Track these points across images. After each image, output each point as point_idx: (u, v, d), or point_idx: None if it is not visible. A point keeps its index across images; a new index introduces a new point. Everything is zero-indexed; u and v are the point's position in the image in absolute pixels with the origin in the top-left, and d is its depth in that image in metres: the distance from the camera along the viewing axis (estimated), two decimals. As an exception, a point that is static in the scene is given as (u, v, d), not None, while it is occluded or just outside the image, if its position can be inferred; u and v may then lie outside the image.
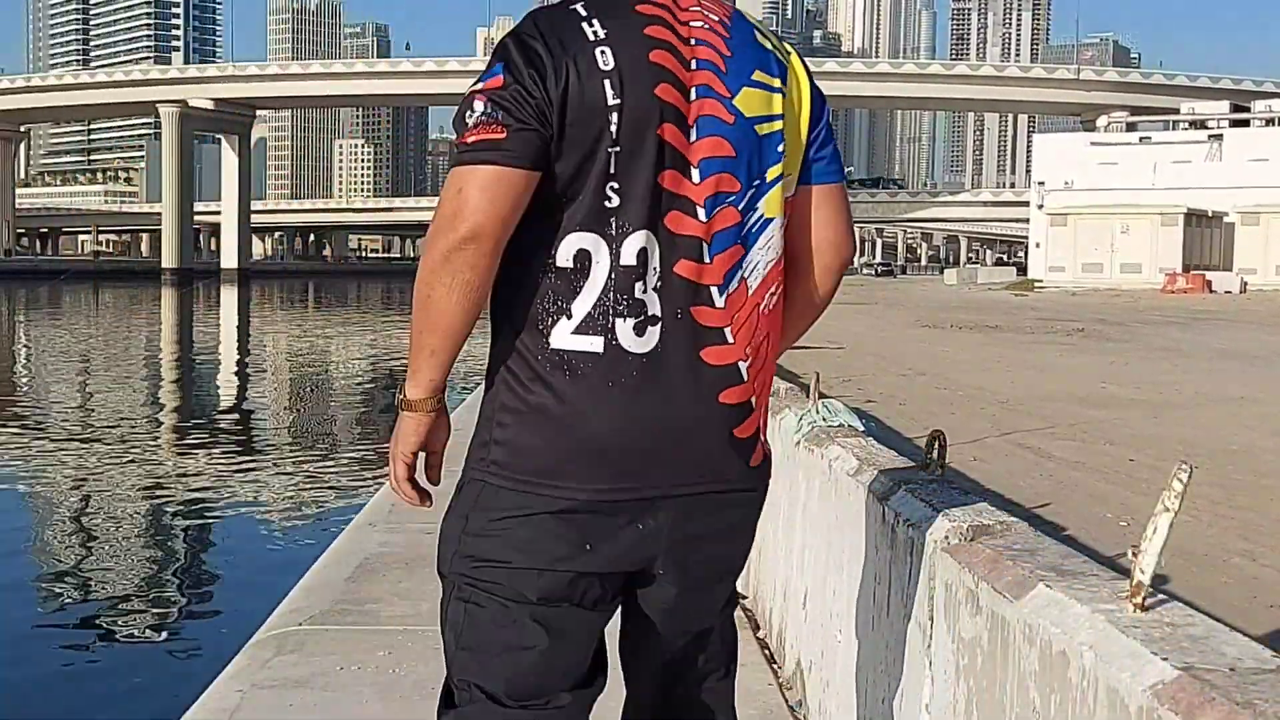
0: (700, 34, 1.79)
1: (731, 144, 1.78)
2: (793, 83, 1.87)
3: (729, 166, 1.78)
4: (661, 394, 1.75)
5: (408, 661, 3.67)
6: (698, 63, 1.77)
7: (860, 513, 2.78)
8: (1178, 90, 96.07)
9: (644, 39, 1.74)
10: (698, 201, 1.76)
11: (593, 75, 1.70)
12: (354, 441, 17.10)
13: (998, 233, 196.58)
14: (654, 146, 1.73)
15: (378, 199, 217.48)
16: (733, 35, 1.82)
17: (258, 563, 9.63)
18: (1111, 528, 5.56)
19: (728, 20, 1.83)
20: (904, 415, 9.50)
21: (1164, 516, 1.60)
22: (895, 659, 2.44)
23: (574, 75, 1.69)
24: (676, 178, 1.74)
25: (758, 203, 1.81)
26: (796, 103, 1.86)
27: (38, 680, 6.94)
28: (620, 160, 1.72)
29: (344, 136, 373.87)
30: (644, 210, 1.73)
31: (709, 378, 1.78)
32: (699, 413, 1.77)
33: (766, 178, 1.81)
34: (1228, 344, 20.77)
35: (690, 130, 1.75)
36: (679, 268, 1.75)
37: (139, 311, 56.23)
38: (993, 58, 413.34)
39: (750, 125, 1.79)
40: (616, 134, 1.71)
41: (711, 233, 1.77)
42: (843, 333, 22.65)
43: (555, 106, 1.69)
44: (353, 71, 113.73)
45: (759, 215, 1.82)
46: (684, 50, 1.76)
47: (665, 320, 1.75)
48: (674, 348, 1.75)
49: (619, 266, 1.73)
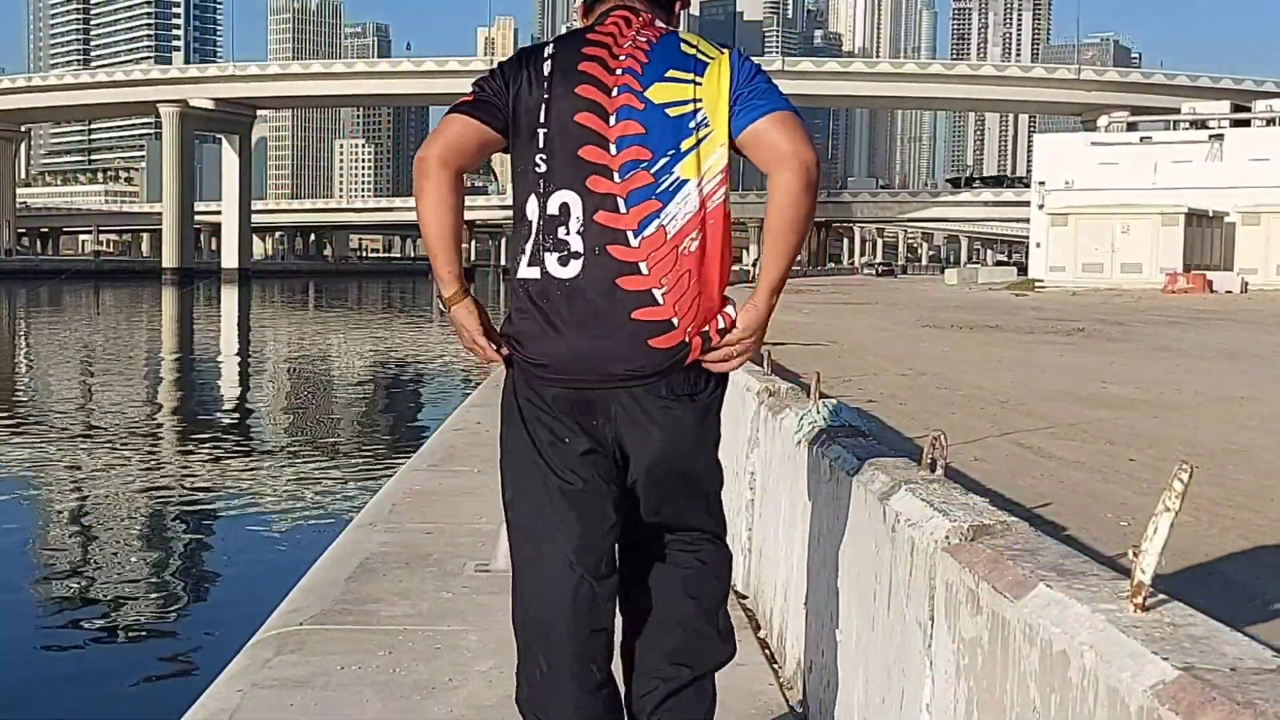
0: (627, 50, 2.43)
1: (641, 124, 2.37)
2: (711, 72, 2.41)
3: (640, 140, 2.37)
4: (582, 309, 2.37)
5: (408, 661, 3.67)
6: (621, 70, 2.41)
7: (861, 512, 2.78)
8: (1178, 90, 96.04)
9: (579, 55, 2.43)
10: (614, 168, 2.37)
11: (535, 80, 2.42)
12: (354, 441, 17.10)
13: (998, 233, 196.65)
14: (575, 129, 2.38)
15: (378, 199, 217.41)
16: (654, 47, 2.44)
17: (258, 562, 9.64)
18: (1112, 527, 5.56)
19: (655, 39, 2.46)
20: (904, 415, 9.50)
21: (1165, 516, 1.60)
22: (896, 659, 2.44)
23: (525, 79, 2.43)
24: (596, 151, 2.37)
25: (674, 167, 2.38)
26: (715, 85, 2.39)
27: (38, 680, 6.94)
28: (547, 139, 2.39)
29: (344, 136, 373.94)
30: (566, 173, 2.38)
31: (622, 299, 2.36)
32: (618, 324, 2.36)
33: (681, 148, 2.38)
34: (1228, 344, 20.77)
35: (610, 116, 2.38)
36: (599, 216, 2.36)
37: (139, 311, 56.24)
38: (993, 57, 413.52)
39: (661, 109, 2.38)
40: (545, 119, 2.39)
41: (627, 190, 2.36)
42: (843, 332, 22.66)
43: (510, 96, 2.43)
44: (353, 71, 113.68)
45: (675, 177, 2.38)
46: (611, 63, 2.41)
47: (585, 255, 2.37)
48: (593, 276, 2.36)
49: (545, 215, 2.39)
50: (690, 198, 2.37)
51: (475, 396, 11.47)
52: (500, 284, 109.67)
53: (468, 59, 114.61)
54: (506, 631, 4.01)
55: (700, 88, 2.39)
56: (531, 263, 2.41)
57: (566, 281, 2.36)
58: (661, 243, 2.36)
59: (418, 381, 26.38)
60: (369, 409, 21.53)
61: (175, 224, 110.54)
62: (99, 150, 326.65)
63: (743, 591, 4.52)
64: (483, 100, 2.43)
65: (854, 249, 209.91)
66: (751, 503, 4.55)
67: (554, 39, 2.51)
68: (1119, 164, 62.81)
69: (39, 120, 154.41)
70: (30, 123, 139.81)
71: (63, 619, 8.13)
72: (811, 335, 21.14)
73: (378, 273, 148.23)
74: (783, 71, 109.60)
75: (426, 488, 6.46)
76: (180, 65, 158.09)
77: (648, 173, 2.36)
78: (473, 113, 2.42)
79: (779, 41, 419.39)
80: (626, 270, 2.35)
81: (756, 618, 4.21)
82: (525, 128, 2.41)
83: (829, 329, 23.76)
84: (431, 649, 3.78)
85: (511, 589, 2.52)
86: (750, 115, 2.37)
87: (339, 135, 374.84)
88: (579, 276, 2.36)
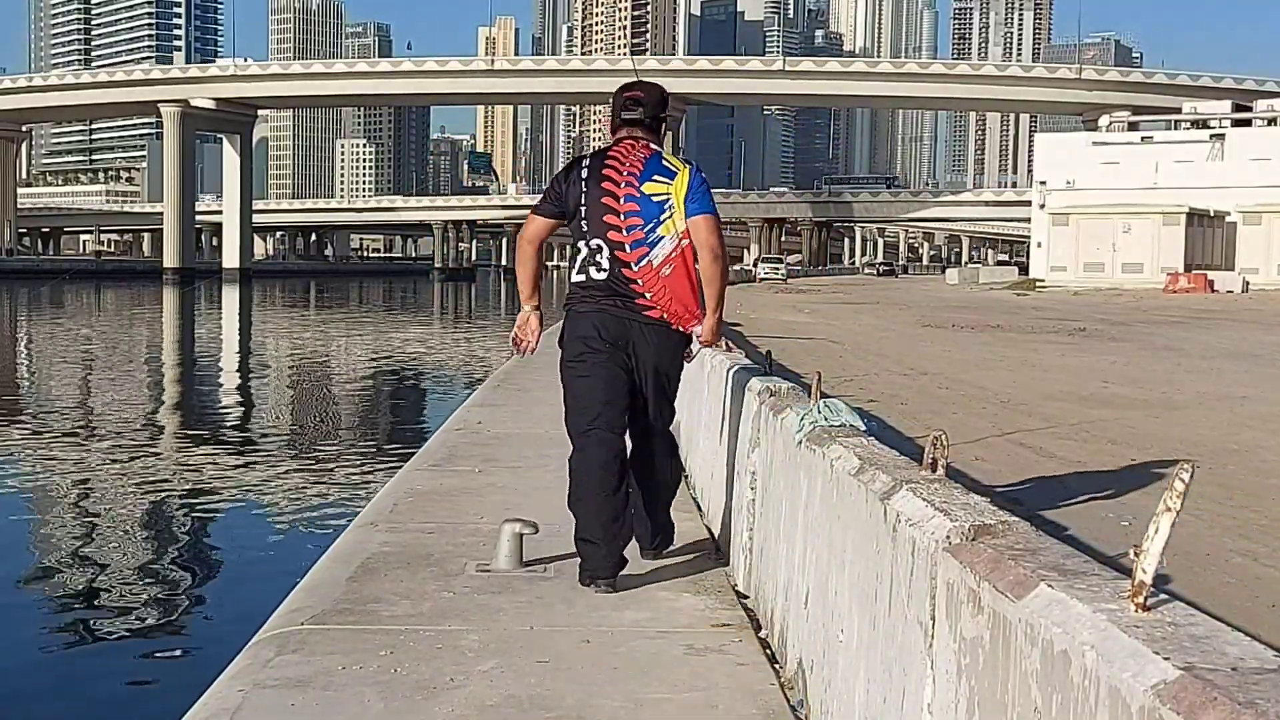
0: (632, 163, 4.47)
1: (637, 205, 4.43)
2: (678, 179, 4.47)
3: (637, 214, 4.43)
4: (608, 303, 4.46)
5: (409, 661, 3.67)
6: (627, 172, 4.45)
7: (862, 512, 2.78)
8: (1180, 90, 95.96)
9: (604, 164, 4.50)
10: (622, 228, 4.43)
11: (575, 182, 4.52)
12: (355, 441, 17.10)
13: (1000, 232, 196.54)
14: (600, 207, 4.45)
15: (379, 199, 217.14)
16: (646, 163, 4.48)
17: (259, 562, 9.64)
18: (1113, 527, 5.55)
19: (648, 157, 4.50)
20: (906, 415, 9.50)
21: (1165, 516, 1.59)
22: (897, 659, 2.44)
23: (569, 181, 4.54)
24: (613, 218, 4.44)
25: (656, 229, 4.43)
26: (680, 187, 4.45)
27: (39, 680, 6.95)
28: (586, 212, 4.47)
29: (346, 136, 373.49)
30: (596, 230, 4.46)
31: (628, 294, 4.46)
32: (623, 311, 4.46)
33: (660, 219, 4.43)
34: (1230, 343, 20.76)
35: (620, 199, 4.43)
36: (616, 253, 4.45)
37: (141, 311, 56.25)
38: (994, 57, 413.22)
39: (649, 197, 4.43)
40: (585, 201, 4.48)
41: (630, 241, 4.43)
42: (845, 332, 22.65)
43: (563, 195, 4.54)
44: (354, 71, 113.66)
45: (656, 235, 4.43)
46: (624, 170, 4.46)
47: (609, 272, 4.45)
48: (613, 285, 4.45)
49: (589, 249, 4.49)
50: (665, 245, 4.45)
51: (476, 396, 11.46)
52: (501, 284, 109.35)
53: (469, 59, 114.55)
54: (508, 631, 4.03)
55: (670, 186, 4.47)
56: (580, 271, 4.54)
57: (599, 282, 4.50)
58: (649, 269, 4.47)
59: (418, 381, 26.39)
60: (370, 408, 21.54)
61: (176, 224, 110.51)
62: (100, 150, 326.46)
63: (743, 591, 4.52)
64: (547, 202, 4.59)
65: (855, 249, 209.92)
66: (753, 502, 4.55)
67: (591, 154, 4.59)
68: (1120, 164, 62.77)
69: (40, 120, 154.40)
70: (31, 122, 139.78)
71: (63, 618, 8.13)
72: (813, 334, 21.13)
73: (379, 272, 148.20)
74: (784, 71, 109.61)
75: (428, 487, 6.46)
76: (181, 65, 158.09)
77: (641, 231, 4.45)
78: (542, 212, 4.60)
79: (780, 41, 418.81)
80: (629, 281, 4.48)
81: (757, 617, 4.21)
82: (572, 206, 4.52)
83: (830, 329, 23.75)
84: (433, 649, 3.78)
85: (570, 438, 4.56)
86: (691, 210, 4.46)
87: (340, 135, 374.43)
88: (604, 280, 4.49)
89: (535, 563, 4.76)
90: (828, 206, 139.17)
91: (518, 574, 4.65)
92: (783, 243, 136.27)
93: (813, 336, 20.50)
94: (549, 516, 5.00)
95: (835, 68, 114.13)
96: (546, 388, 11.64)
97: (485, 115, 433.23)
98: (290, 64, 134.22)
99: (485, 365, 25.95)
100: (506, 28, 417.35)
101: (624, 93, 4.67)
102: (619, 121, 4.62)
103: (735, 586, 4.61)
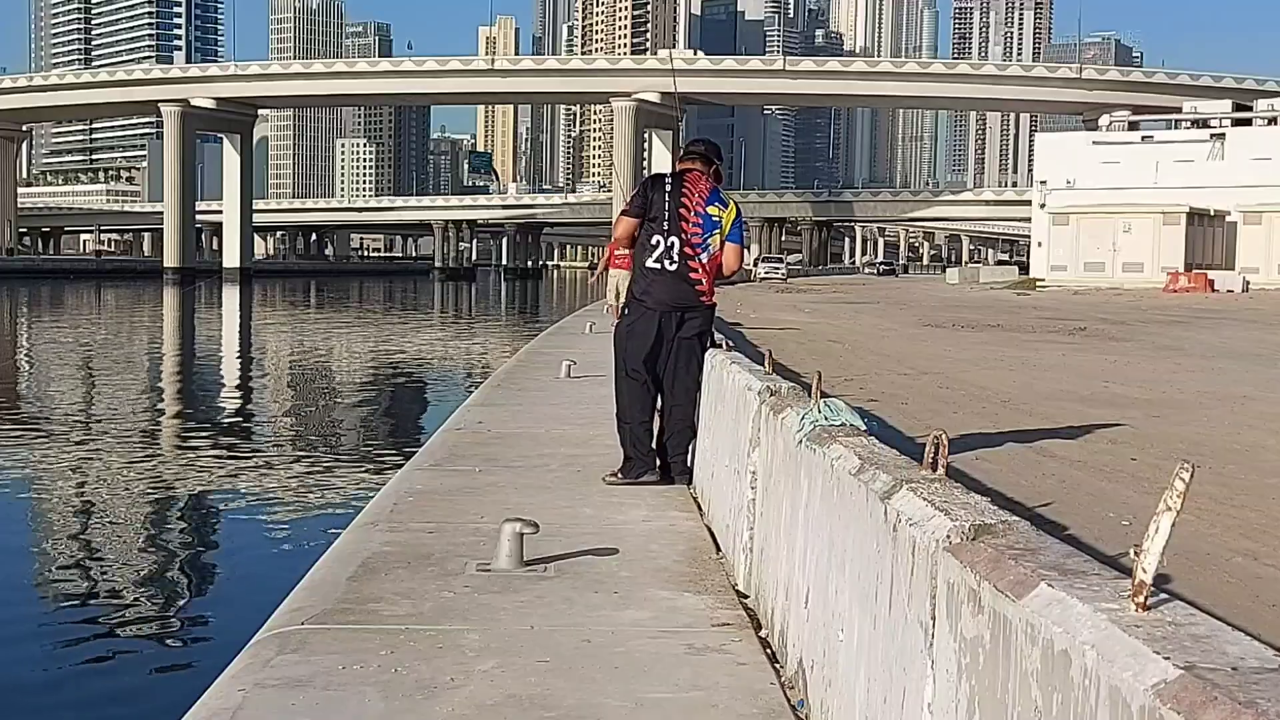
0: (700, 190, 6.68)
1: (700, 219, 6.62)
2: (729, 210, 6.71)
3: (700, 225, 6.62)
4: (676, 283, 6.60)
5: (409, 661, 3.67)
6: (698, 195, 6.65)
7: (862, 512, 2.78)
8: (1180, 89, 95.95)
9: (681, 185, 6.68)
10: (691, 233, 6.61)
11: (659, 190, 6.69)
12: (356, 440, 17.11)
13: (1000, 232, 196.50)
14: (679, 213, 6.60)
15: (380, 198, 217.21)
16: (711, 193, 6.71)
17: (259, 561, 9.64)
18: (1114, 527, 5.55)
19: (710, 189, 6.73)
20: (906, 414, 9.50)
21: (1166, 516, 1.59)
22: (897, 658, 2.44)
23: (654, 189, 6.73)
24: (685, 225, 6.60)
25: (708, 239, 6.63)
26: (728, 217, 6.69)
27: (39, 679, 6.95)
28: (668, 215, 6.60)
29: (346, 136, 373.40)
30: (673, 229, 6.60)
31: (691, 280, 6.62)
32: (686, 290, 6.62)
33: (713, 233, 6.65)
34: (1230, 343, 20.76)
35: (692, 212, 6.60)
36: (684, 248, 6.61)
37: (141, 311, 56.25)
38: (995, 57, 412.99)
39: (709, 216, 6.64)
40: (666, 207, 6.61)
41: (692, 242, 6.61)
42: (845, 331, 22.65)
43: (648, 200, 6.65)
44: (355, 70, 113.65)
45: (708, 242, 6.64)
46: (695, 193, 6.65)
47: (678, 263, 6.59)
48: (681, 272, 6.59)
49: (664, 244, 6.60)
50: (711, 250, 6.59)
51: (476, 396, 11.46)
52: (501, 283, 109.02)
53: (469, 58, 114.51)
54: (508, 631, 4.03)
55: (723, 213, 6.63)
56: (655, 261, 6.52)
57: (669, 270, 6.53)
58: (704, 262, 6.58)
59: (419, 381, 26.38)
60: (370, 408, 21.53)
61: (177, 223, 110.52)
62: (100, 150, 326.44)
63: (744, 591, 4.52)
64: (635, 206, 6.60)
65: (855, 248, 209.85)
66: (753, 502, 4.55)
67: (672, 174, 6.76)
68: (1120, 163, 62.69)
69: (40, 120, 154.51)
70: (31, 122, 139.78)
71: (63, 618, 8.13)
72: (813, 334, 21.13)
73: (379, 272, 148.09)
74: (784, 71, 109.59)
75: (428, 487, 6.46)
76: (181, 65, 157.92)
77: (699, 237, 6.55)
78: (632, 214, 6.61)
79: (780, 41, 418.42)
80: (692, 270, 6.56)
81: (758, 617, 4.21)
82: (655, 210, 6.53)
83: (831, 328, 23.75)
84: (433, 648, 3.78)
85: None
86: (730, 238, 6.68)
87: (340, 134, 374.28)
88: (674, 269, 6.54)
89: (536, 562, 4.76)
90: (828, 206, 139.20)
91: (518, 574, 4.65)
92: (783, 242, 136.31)
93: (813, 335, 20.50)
94: (549, 516, 5.00)
95: (835, 67, 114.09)
96: (546, 388, 11.65)
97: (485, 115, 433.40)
98: (290, 63, 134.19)
99: (485, 365, 25.95)
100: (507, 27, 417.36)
101: (689, 145, 6.99)
102: (684, 155, 6.94)
103: (735, 586, 4.61)
